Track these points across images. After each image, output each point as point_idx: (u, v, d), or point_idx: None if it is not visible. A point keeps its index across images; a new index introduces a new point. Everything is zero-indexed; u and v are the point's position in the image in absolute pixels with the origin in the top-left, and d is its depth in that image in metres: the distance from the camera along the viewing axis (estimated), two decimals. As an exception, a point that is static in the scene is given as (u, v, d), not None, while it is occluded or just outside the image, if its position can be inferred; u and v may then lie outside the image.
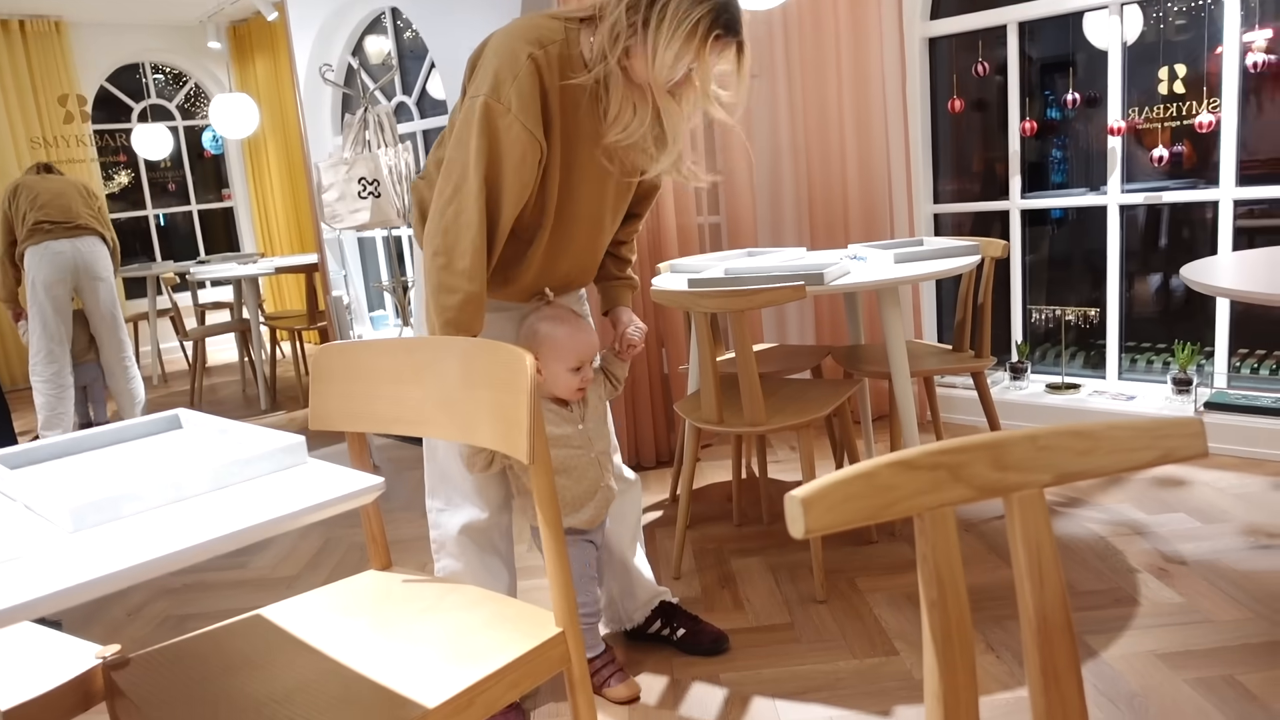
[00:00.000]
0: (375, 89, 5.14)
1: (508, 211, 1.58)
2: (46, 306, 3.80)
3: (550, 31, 1.56)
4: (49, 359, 3.86)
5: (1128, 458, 0.80)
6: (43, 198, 3.82)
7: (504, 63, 1.52)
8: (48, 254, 3.76)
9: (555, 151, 1.61)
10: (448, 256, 1.55)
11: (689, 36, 1.46)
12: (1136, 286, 3.37)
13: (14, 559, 0.80)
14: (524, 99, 1.51)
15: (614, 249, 1.94)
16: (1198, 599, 2.06)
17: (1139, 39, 3.17)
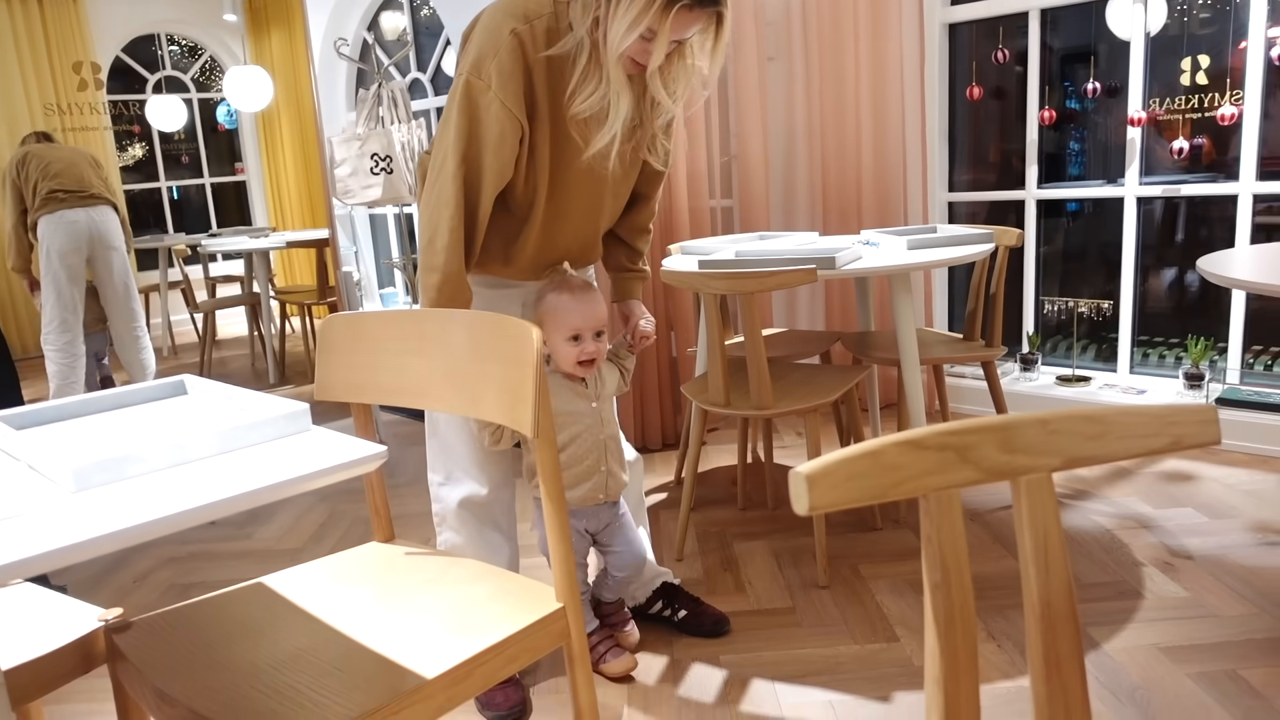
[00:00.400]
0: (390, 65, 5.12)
1: (488, 190, 1.57)
2: (61, 275, 3.80)
3: (537, 5, 1.55)
4: (63, 328, 3.86)
5: (1138, 443, 0.79)
6: (55, 166, 3.80)
7: (487, 39, 1.52)
8: (62, 223, 3.75)
9: (543, 127, 1.59)
10: (429, 235, 1.57)
11: (648, 3, 1.42)
12: (1151, 280, 3.34)
13: (16, 516, 0.80)
14: (504, 75, 1.51)
15: (628, 238, 1.91)
16: (1203, 594, 2.05)
17: (1162, 30, 3.12)
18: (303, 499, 3.13)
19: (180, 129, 7.46)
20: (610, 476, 1.80)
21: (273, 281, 5.64)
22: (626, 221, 1.90)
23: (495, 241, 1.70)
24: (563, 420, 1.74)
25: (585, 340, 1.70)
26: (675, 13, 1.42)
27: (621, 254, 1.93)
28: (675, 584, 2.08)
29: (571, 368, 1.72)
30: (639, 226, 1.92)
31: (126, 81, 7.26)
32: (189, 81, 7.61)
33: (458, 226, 1.55)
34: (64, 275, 3.80)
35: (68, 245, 3.78)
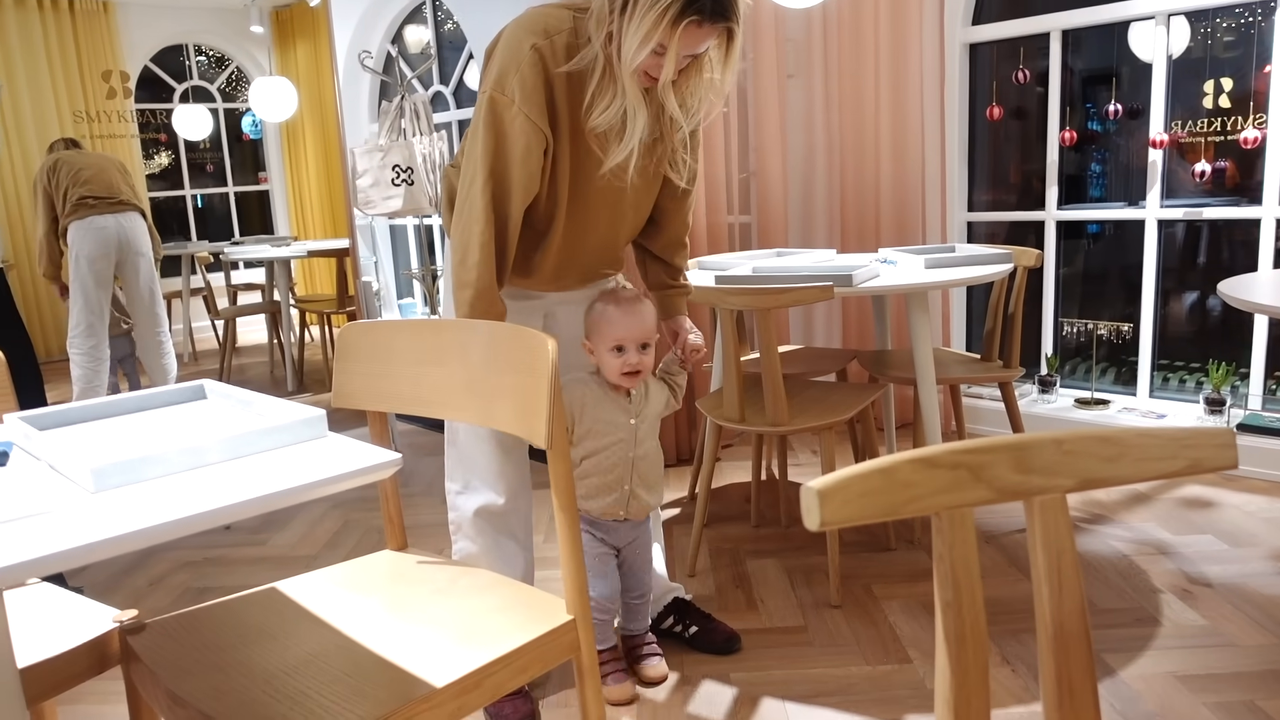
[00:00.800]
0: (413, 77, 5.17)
1: (517, 203, 1.59)
2: (89, 280, 3.84)
3: (557, 20, 1.56)
4: (89, 332, 3.90)
5: (1154, 466, 0.78)
6: (85, 173, 3.84)
7: (509, 55, 1.54)
8: (92, 229, 3.80)
9: (563, 140, 1.61)
10: (462, 253, 1.59)
11: (658, 18, 1.42)
12: (1172, 303, 3.32)
13: (36, 515, 0.81)
14: (526, 90, 1.53)
15: (663, 254, 1.91)
16: (1221, 622, 2.03)
17: (1185, 53, 3.11)
18: (317, 506, 3.14)
19: (206, 138, 7.57)
20: (634, 497, 1.80)
21: (293, 290, 5.69)
22: (659, 238, 1.89)
23: (516, 253, 1.71)
24: (599, 428, 1.75)
25: (629, 352, 1.70)
26: (684, 28, 1.43)
27: (660, 271, 1.92)
28: (687, 600, 2.07)
29: (616, 378, 1.73)
30: (672, 241, 1.90)
31: (154, 90, 7.38)
32: (215, 91, 7.73)
33: (489, 242, 1.57)
34: (92, 280, 3.84)
35: (96, 251, 3.82)
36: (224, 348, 5.53)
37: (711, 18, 1.44)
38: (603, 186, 1.68)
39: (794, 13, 3.55)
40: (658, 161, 1.70)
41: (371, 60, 5.44)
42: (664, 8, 1.41)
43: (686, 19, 1.42)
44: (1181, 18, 3.09)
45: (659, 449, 1.85)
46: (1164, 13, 3.08)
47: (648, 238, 1.90)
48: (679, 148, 1.71)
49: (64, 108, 6.55)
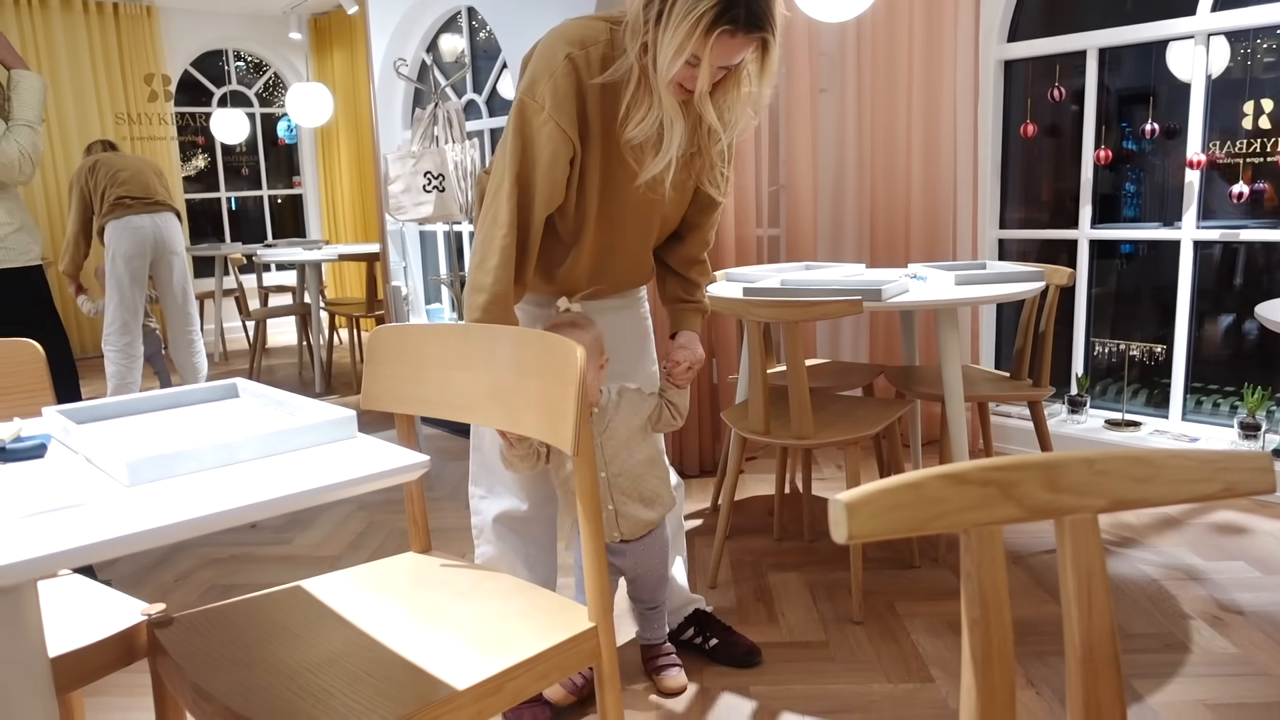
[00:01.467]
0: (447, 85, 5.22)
1: (539, 211, 1.59)
2: (125, 279, 3.91)
3: (594, 32, 1.57)
4: (123, 330, 3.98)
5: (1188, 489, 0.77)
6: (123, 174, 3.92)
7: (542, 63, 1.55)
8: (129, 228, 3.87)
9: (594, 151, 1.61)
10: (481, 256, 1.58)
11: (691, 28, 1.41)
12: (1207, 326, 3.27)
13: (72, 507, 0.83)
14: (558, 97, 1.53)
15: (681, 269, 1.87)
16: (1253, 651, 1.99)
17: (1225, 73, 3.08)
18: (343, 507, 3.17)
19: (242, 142, 7.69)
20: (621, 516, 1.73)
21: (323, 293, 5.75)
22: (678, 252, 1.87)
23: (544, 264, 1.71)
24: (561, 455, 1.68)
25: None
26: (717, 38, 1.43)
27: (677, 286, 1.89)
28: (708, 611, 2.06)
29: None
30: (690, 257, 1.87)
31: (193, 94, 7.51)
32: (253, 96, 7.85)
33: (509, 246, 1.57)
34: (128, 278, 3.91)
35: (133, 250, 3.89)
36: (254, 348, 5.60)
37: (746, 27, 1.43)
38: (634, 199, 1.67)
39: (828, 26, 3.55)
40: (696, 174, 1.69)
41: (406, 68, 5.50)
42: (697, 16, 1.40)
43: (720, 28, 1.41)
44: (1221, 38, 3.05)
45: (654, 461, 1.76)
46: (1203, 32, 3.04)
47: (667, 251, 1.87)
48: (717, 161, 1.70)
49: (106, 109, 6.68)
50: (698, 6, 1.40)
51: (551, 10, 4.27)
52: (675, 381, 1.77)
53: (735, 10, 1.41)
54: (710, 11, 1.40)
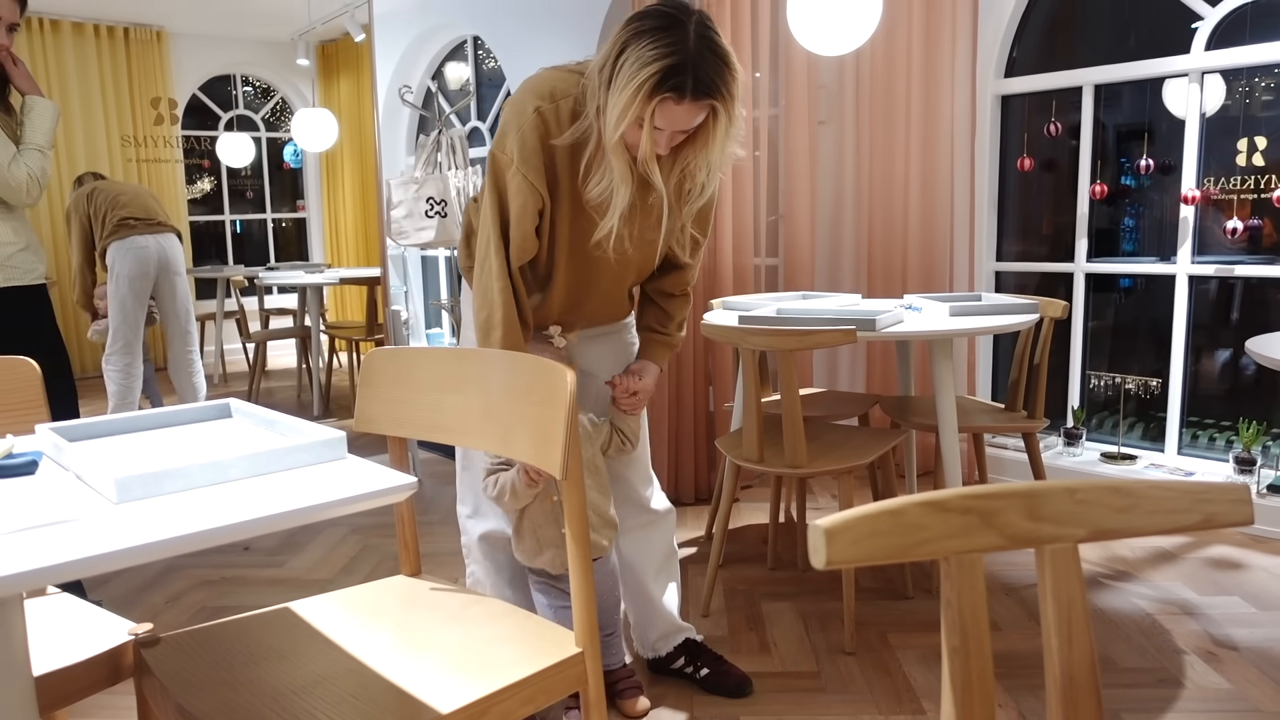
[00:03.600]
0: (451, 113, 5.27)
1: (515, 261, 1.62)
2: (128, 299, 3.94)
3: (565, 85, 1.57)
4: (125, 350, 4.01)
5: (1167, 519, 0.78)
6: (123, 198, 3.97)
7: (511, 116, 1.57)
8: (132, 249, 3.91)
9: (563, 204, 1.62)
10: (488, 310, 1.61)
11: (634, 94, 1.41)
12: (1203, 360, 3.28)
13: (60, 523, 0.83)
14: (525, 150, 1.55)
15: (661, 300, 1.86)
16: (1247, 687, 1.97)
17: (1220, 110, 3.11)
18: (336, 530, 3.16)
19: (248, 165, 7.75)
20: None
21: (324, 316, 5.77)
22: (658, 285, 1.86)
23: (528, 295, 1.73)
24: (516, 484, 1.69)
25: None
26: (660, 104, 1.42)
27: (651, 315, 1.88)
28: (699, 640, 2.06)
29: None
30: (669, 292, 1.86)
31: (200, 118, 7.58)
32: (259, 121, 7.92)
33: (509, 296, 1.60)
34: (130, 298, 3.94)
35: (136, 270, 3.92)
36: (254, 370, 5.61)
37: (693, 95, 1.42)
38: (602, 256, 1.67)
39: (827, 60, 3.60)
40: (665, 234, 1.68)
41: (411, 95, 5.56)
42: (640, 83, 1.40)
43: (662, 95, 1.41)
44: (1217, 76, 3.09)
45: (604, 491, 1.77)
46: (1199, 70, 3.08)
47: (648, 281, 1.87)
48: (688, 222, 1.68)
49: (113, 132, 6.75)
50: (641, 73, 1.40)
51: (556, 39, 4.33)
52: (621, 407, 1.79)
53: (680, 78, 1.40)
54: (653, 78, 1.40)
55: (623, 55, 1.43)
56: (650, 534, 1.98)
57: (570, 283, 1.72)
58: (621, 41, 1.45)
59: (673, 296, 1.87)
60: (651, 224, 1.66)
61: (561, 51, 4.33)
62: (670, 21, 1.42)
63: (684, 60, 1.40)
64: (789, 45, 3.39)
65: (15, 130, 2.29)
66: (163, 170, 6.98)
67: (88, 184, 4.09)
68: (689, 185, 1.61)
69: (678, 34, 1.41)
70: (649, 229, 1.67)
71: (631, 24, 1.46)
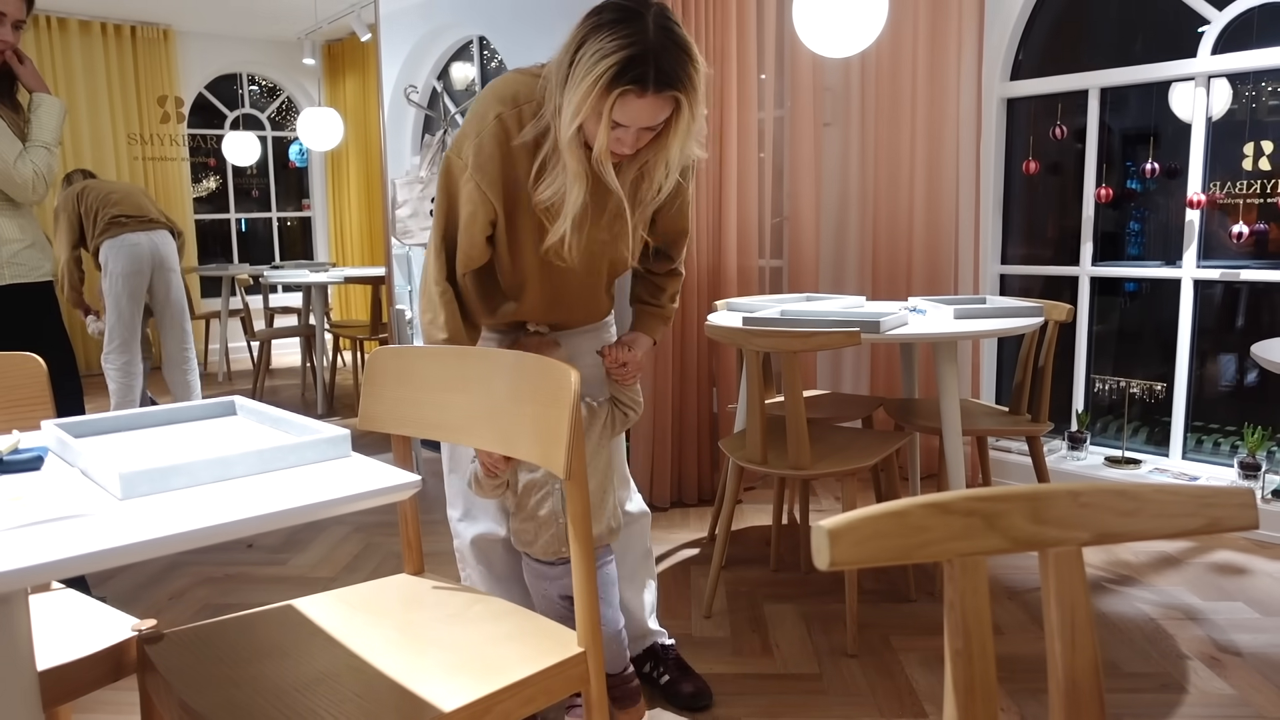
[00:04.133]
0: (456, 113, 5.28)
1: (461, 266, 1.60)
2: (123, 297, 3.94)
3: (527, 89, 1.53)
4: (123, 348, 4.01)
5: (1172, 523, 0.78)
6: (114, 195, 3.97)
7: (472, 120, 1.54)
8: (125, 246, 3.90)
9: (527, 210, 1.57)
10: (431, 314, 1.60)
11: (591, 86, 1.35)
12: (1208, 365, 3.27)
13: (65, 519, 0.84)
14: (481, 157, 1.52)
15: (652, 277, 1.85)
16: (1250, 693, 1.97)
17: (1227, 115, 3.10)
18: (339, 529, 3.17)
19: (253, 164, 7.76)
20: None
21: (328, 315, 5.78)
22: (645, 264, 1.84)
23: (490, 306, 1.71)
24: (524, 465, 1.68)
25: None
26: (620, 98, 1.36)
27: (641, 288, 1.86)
28: (666, 645, 2.02)
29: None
30: (659, 269, 1.84)
31: (206, 117, 7.60)
32: (265, 119, 7.93)
33: (450, 301, 1.59)
34: (125, 296, 3.94)
35: (130, 267, 3.92)
36: (258, 369, 5.62)
37: (656, 87, 1.36)
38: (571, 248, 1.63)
39: (832, 62, 3.59)
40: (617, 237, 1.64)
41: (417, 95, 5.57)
42: (597, 75, 1.35)
43: (621, 87, 1.35)
44: (1223, 80, 3.08)
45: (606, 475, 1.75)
46: (1205, 74, 3.08)
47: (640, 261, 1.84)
48: (639, 226, 1.63)
49: (119, 130, 6.76)
50: (599, 65, 1.34)
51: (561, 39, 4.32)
52: (614, 376, 1.77)
53: (640, 69, 1.35)
54: (612, 69, 1.34)
55: (581, 49, 1.38)
56: (625, 536, 1.95)
57: (543, 289, 1.68)
58: (579, 36, 1.40)
59: (660, 273, 1.84)
60: (604, 227, 1.62)
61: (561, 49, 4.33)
62: (628, 14, 1.37)
63: (644, 51, 1.35)
64: (794, 47, 3.38)
65: (22, 127, 2.29)
66: (169, 168, 7.00)
67: (77, 182, 4.09)
68: (645, 186, 1.56)
69: (637, 25, 1.36)
70: (600, 231, 1.61)
71: (589, 18, 1.40)
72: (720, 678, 2.06)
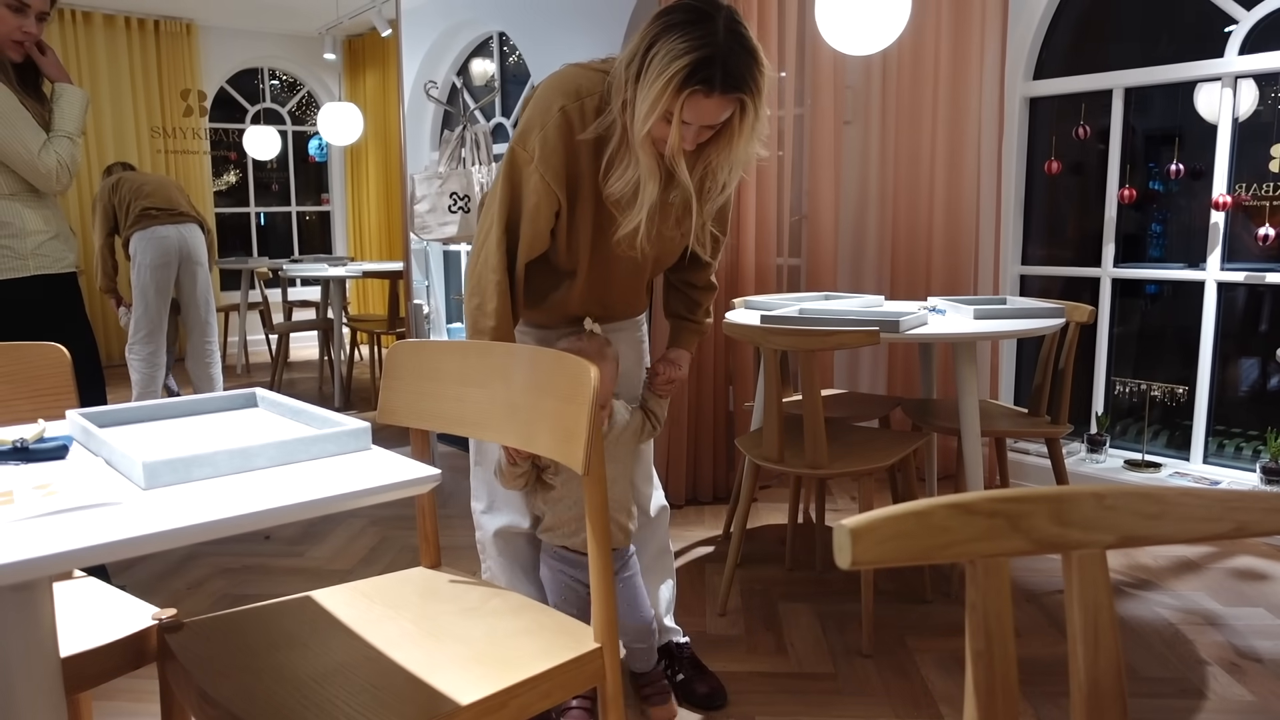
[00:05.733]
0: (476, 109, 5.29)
1: (523, 257, 1.62)
2: (150, 288, 4.02)
3: (590, 83, 1.57)
4: (148, 339, 4.09)
5: (1198, 527, 0.77)
6: (147, 187, 4.07)
7: (536, 112, 1.57)
8: (154, 238, 3.98)
9: (586, 204, 1.61)
10: (479, 299, 1.61)
11: (663, 88, 1.41)
12: (1230, 369, 3.23)
13: (89, 507, 0.84)
14: (546, 149, 1.54)
15: (687, 289, 1.89)
16: (1271, 700, 1.95)
17: (1253, 116, 3.07)
18: (356, 522, 3.18)
19: (273, 159, 7.80)
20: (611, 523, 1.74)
21: (346, 309, 5.81)
22: (683, 276, 1.88)
23: (538, 293, 1.73)
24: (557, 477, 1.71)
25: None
26: (689, 97, 1.42)
27: (679, 302, 1.90)
28: (681, 643, 2.02)
29: None
30: (694, 282, 1.88)
31: (228, 111, 7.64)
32: (285, 114, 7.97)
33: (504, 291, 1.60)
34: (153, 288, 4.02)
35: (158, 259, 4.00)
36: (276, 362, 5.66)
37: (722, 88, 1.42)
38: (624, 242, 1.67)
39: (854, 60, 3.58)
40: (685, 233, 1.69)
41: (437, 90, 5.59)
42: (670, 76, 1.40)
43: (691, 88, 1.41)
44: (1250, 81, 3.05)
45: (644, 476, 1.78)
46: (1231, 75, 3.04)
47: (672, 271, 1.88)
48: (708, 220, 1.68)
49: (142, 123, 6.82)
50: (671, 65, 1.40)
51: (582, 35, 4.33)
52: (656, 389, 1.81)
53: (709, 70, 1.40)
54: (683, 71, 1.40)
55: (652, 49, 1.43)
56: (644, 533, 1.97)
57: (592, 278, 1.72)
58: (650, 35, 1.45)
59: (698, 287, 1.89)
60: (670, 222, 1.66)
61: (586, 47, 4.33)
62: (700, 15, 1.42)
63: (714, 53, 1.40)
64: (816, 44, 3.37)
65: (45, 117, 2.31)
66: (190, 162, 7.05)
67: (115, 174, 4.20)
68: (709, 184, 1.61)
69: (708, 27, 1.41)
70: (667, 226, 1.67)
71: (660, 18, 1.45)
72: (734, 676, 2.06)
